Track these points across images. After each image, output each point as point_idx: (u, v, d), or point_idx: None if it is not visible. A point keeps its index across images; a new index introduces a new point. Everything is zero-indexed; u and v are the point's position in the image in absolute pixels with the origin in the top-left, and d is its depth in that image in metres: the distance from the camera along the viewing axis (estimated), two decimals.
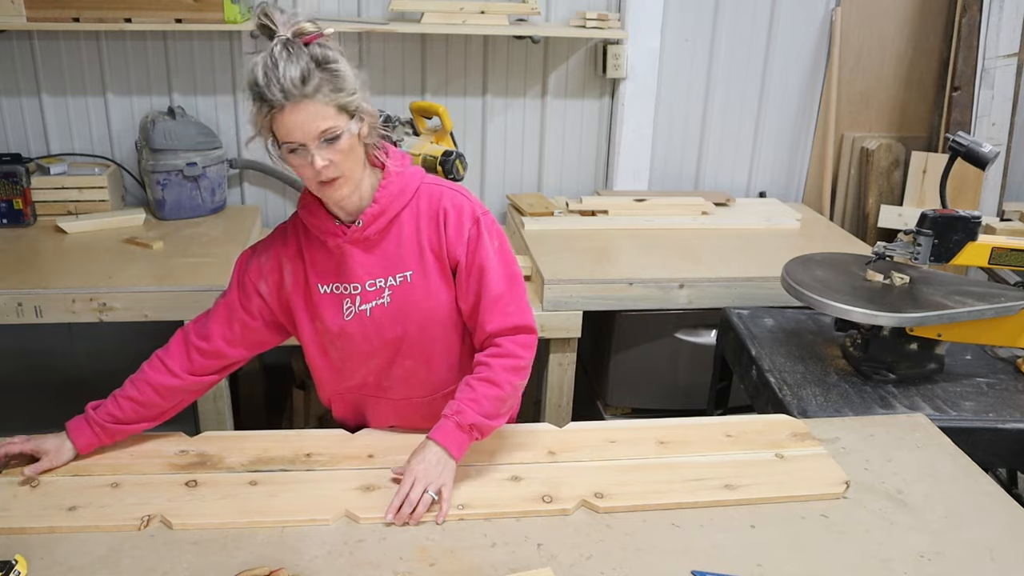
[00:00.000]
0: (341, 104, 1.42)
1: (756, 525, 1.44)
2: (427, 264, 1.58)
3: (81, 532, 1.36)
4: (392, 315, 1.59)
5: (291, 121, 1.39)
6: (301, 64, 1.38)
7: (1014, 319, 1.95)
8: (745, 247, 2.90)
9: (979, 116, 3.33)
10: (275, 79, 1.36)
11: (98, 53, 2.98)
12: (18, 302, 2.31)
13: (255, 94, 1.39)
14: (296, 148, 1.41)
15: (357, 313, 1.59)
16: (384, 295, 1.58)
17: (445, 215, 1.57)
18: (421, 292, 1.58)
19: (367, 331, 1.60)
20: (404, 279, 1.58)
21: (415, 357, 1.64)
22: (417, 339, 1.61)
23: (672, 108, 3.36)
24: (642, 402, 2.83)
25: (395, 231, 1.57)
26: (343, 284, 1.58)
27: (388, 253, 1.57)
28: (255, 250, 1.64)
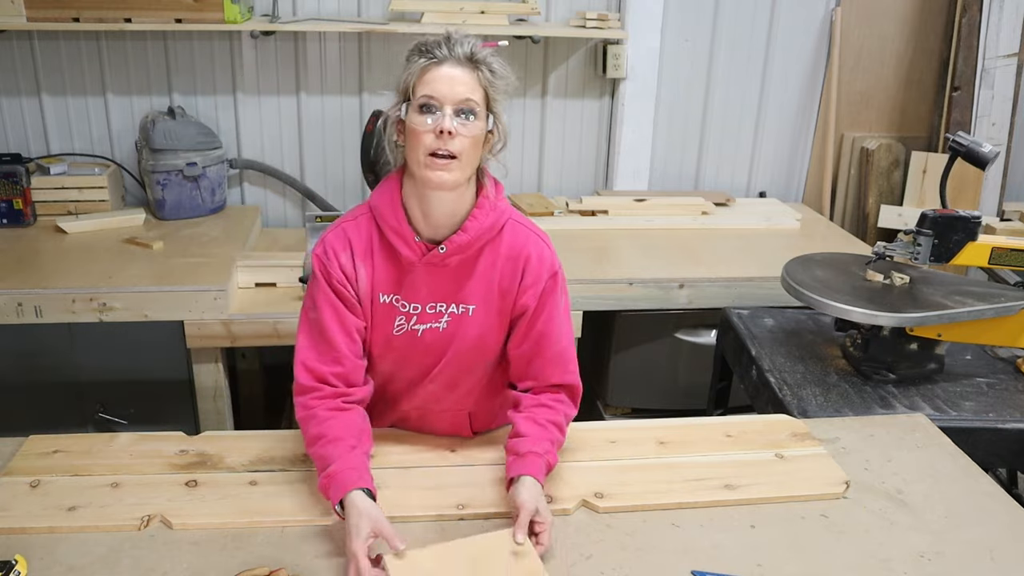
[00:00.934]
0: (489, 94, 1.44)
1: (756, 525, 1.44)
2: (491, 302, 1.54)
3: (81, 532, 1.36)
4: (442, 341, 1.55)
5: (444, 74, 1.40)
6: (471, 40, 1.43)
7: (1014, 319, 1.95)
8: (745, 247, 2.89)
9: (979, 116, 3.33)
10: (447, 40, 1.41)
11: (98, 53, 2.98)
12: (18, 302, 2.31)
13: (418, 50, 1.42)
14: (430, 105, 1.40)
15: (409, 331, 1.54)
16: (442, 320, 1.54)
17: (527, 262, 1.53)
18: (477, 327, 1.55)
19: (411, 349, 1.56)
20: (466, 311, 1.54)
21: (443, 383, 1.61)
22: (455, 368, 1.58)
23: (672, 108, 3.36)
24: (642, 402, 2.83)
25: (471, 262, 1.52)
26: (404, 300, 1.53)
27: (458, 281, 1.52)
28: (332, 252, 1.52)
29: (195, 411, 2.52)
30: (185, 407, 2.53)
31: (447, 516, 1.43)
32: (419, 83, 1.41)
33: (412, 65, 1.42)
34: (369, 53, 3.11)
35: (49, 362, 2.45)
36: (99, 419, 2.50)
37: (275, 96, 3.13)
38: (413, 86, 1.42)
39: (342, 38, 3.07)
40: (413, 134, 1.42)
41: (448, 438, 1.66)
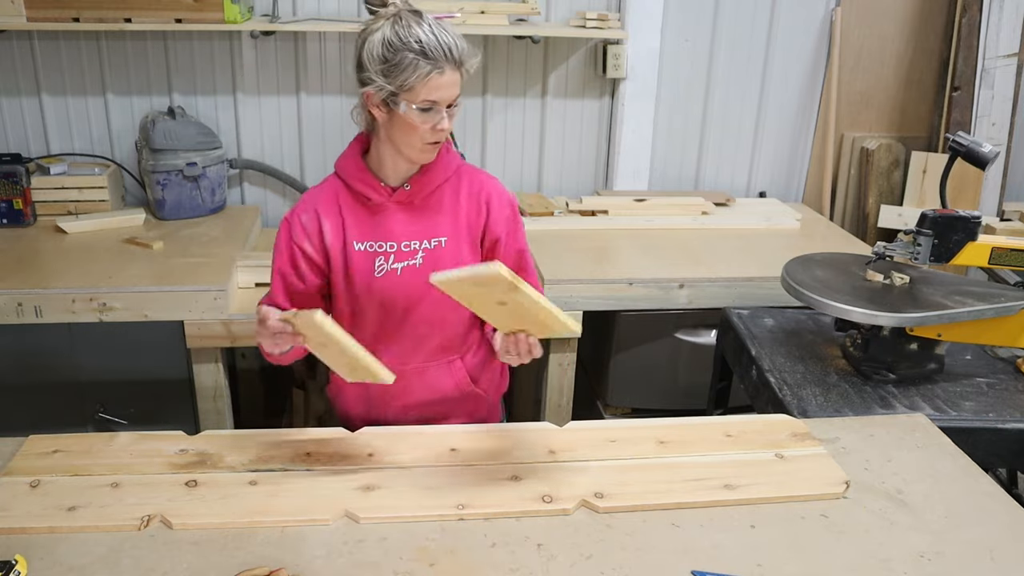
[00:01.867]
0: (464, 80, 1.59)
1: (756, 525, 1.44)
2: (460, 234, 1.72)
3: (81, 532, 1.36)
4: (421, 277, 1.67)
5: (444, 83, 1.55)
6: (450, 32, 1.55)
7: (1014, 319, 1.95)
8: (745, 247, 2.90)
9: (979, 116, 3.33)
10: (445, 43, 1.53)
11: (98, 53, 2.98)
12: (18, 302, 2.31)
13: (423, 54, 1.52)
14: (431, 109, 1.56)
15: (389, 271, 1.70)
16: (417, 256, 1.70)
17: (489, 198, 1.75)
18: (451, 258, 1.71)
19: (395, 289, 1.70)
20: (438, 243, 1.71)
21: (431, 321, 1.74)
22: (441, 303, 1.68)
23: (672, 108, 3.36)
24: (642, 402, 2.83)
25: (435, 199, 1.72)
26: (379, 242, 1.70)
27: (426, 218, 1.71)
28: (295, 212, 1.74)
29: (195, 411, 2.52)
30: (185, 407, 2.53)
31: (447, 516, 1.43)
32: (423, 88, 1.54)
33: (416, 68, 1.53)
34: None
35: (49, 362, 2.45)
36: (99, 419, 2.50)
37: (275, 96, 3.13)
38: (414, 87, 1.54)
39: (342, 38, 3.07)
40: (410, 127, 1.58)
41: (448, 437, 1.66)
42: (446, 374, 1.82)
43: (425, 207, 1.71)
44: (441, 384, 1.82)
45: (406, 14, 1.55)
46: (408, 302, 1.72)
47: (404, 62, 1.52)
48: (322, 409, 3.04)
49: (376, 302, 1.72)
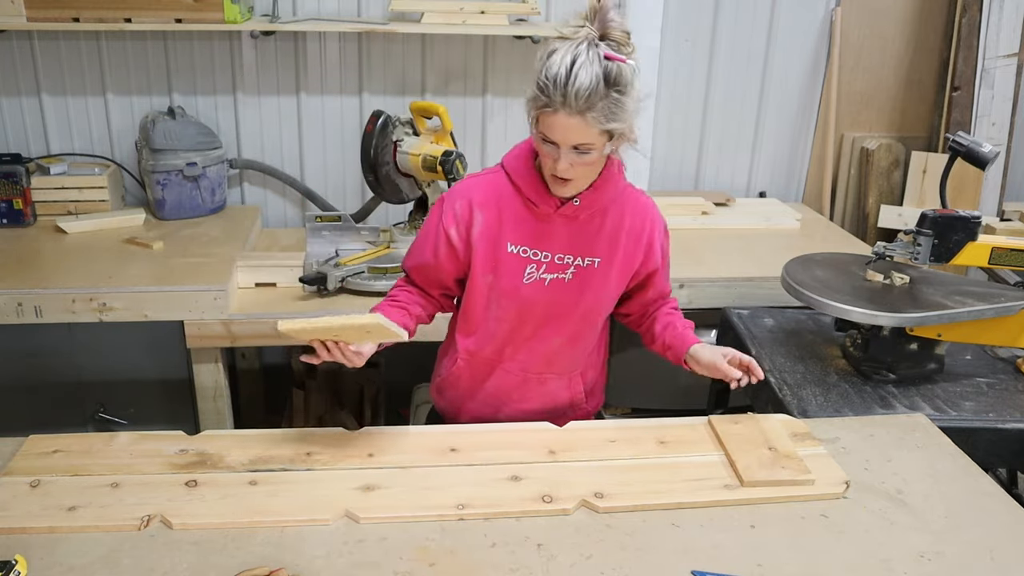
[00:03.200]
0: (607, 129, 1.50)
1: (756, 525, 1.44)
2: (615, 260, 1.71)
3: (81, 532, 1.36)
4: (567, 292, 1.69)
5: (556, 124, 1.49)
6: (593, 73, 1.44)
7: (1014, 319, 1.95)
8: (745, 247, 2.89)
9: (979, 116, 3.33)
10: (562, 83, 1.44)
11: (98, 53, 2.98)
12: (18, 302, 2.31)
13: (539, 83, 1.47)
14: (548, 142, 1.52)
15: (537, 280, 1.68)
16: (568, 271, 1.69)
17: (654, 222, 1.76)
18: (600, 281, 1.71)
19: (539, 299, 1.69)
20: (591, 264, 1.70)
21: (566, 336, 1.74)
22: (577, 320, 1.72)
23: (672, 108, 3.36)
24: (642, 402, 2.83)
25: (598, 219, 1.69)
26: (535, 249, 1.68)
27: (586, 236, 1.69)
28: (451, 195, 1.72)
29: (195, 411, 2.52)
30: (185, 407, 2.53)
31: (447, 516, 1.43)
32: (540, 118, 1.51)
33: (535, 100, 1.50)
34: (369, 53, 3.10)
35: (49, 362, 2.45)
36: (99, 419, 2.50)
37: (275, 96, 3.13)
38: (536, 116, 1.52)
39: (342, 38, 3.07)
40: (539, 150, 1.57)
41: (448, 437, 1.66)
42: (564, 387, 1.82)
43: (588, 224, 1.68)
44: (558, 396, 1.82)
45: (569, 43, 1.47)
46: (548, 314, 1.71)
47: (533, 90, 1.49)
48: (322, 409, 3.04)
49: (516, 307, 1.70)
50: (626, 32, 1.50)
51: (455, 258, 1.71)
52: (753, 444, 1.63)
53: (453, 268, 1.72)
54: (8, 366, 2.42)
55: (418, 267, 1.76)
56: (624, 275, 1.74)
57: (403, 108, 2.77)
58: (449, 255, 1.70)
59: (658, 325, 1.83)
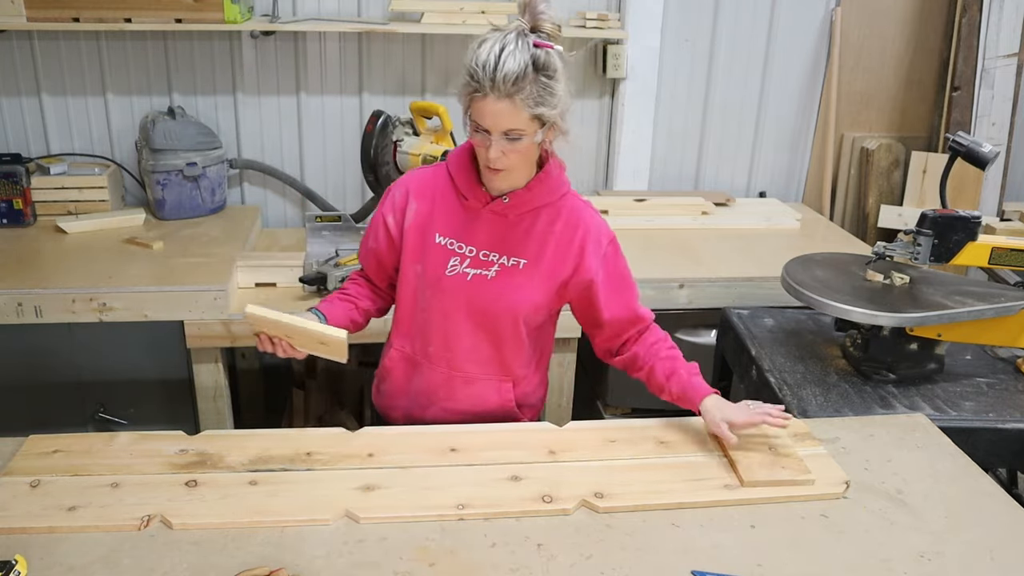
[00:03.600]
0: (537, 114, 1.51)
1: (756, 525, 1.44)
2: (542, 261, 1.68)
3: (81, 532, 1.36)
4: (489, 290, 1.68)
5: (486, 109, 1.50)
6: (521, 59, 1.47)
7: (1014, 319, 1.95)
8: (745, 247, 2.89)
9: (979, 116, 3.33)
10: (491, 67, 1.46)
11: (98, 53, 2.98)
12: (18, 302, 2.31)
13: (469, 72, 1.49)
14: (480, 130, 1.54)
15: (460, 273, 1.68)
16: (491, 269, 1.68)
17: (586, 230, 1.69)
18: (524, 283, 1.68)
19: (459, 293, 1.69)
20: (516, 264, 1.68)
21: (491, 335, 1.73)
22: (499, 320, 1.70)
23: (672, 108, 3.36)
24: (642, 402, 2.82)
25: (529, 220, 1.67)
26: (460, 242, 1.68)
27: (514, 236, 1.67)
28: (396, 185, 1.76)
29: (195, 411, 2.52)
30: (185, 407, 2.53)
31: (447, 516, 1.43)
32: (471, 107, 1.54)
33: (466, 86, 1.52)
34: (369, 53, 3.10)
35: (49, 362, 2.45)
36: (99, 419, 2.50)
37: (275, 96, 3.13)
38: (468, 105, 1.55)
39: (342, 38, 3.07)
40: (472, 141, 1.59)
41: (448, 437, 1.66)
42: (493, 391, 1.78)
43: (517, 224, 1.67)
44: (486, 399, 1.79)
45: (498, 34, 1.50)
46: (470, 309, 1.69)
47: (464, 77, 1.52)
48: (322, 409, 3.04)
49: (439, 299, 1.70)
50: (556, 24, 1.53)
51: (392, 245, 1.74)
52: (753, 444, 1.63)
53: (391, 256, 1.76)
54: (8, 366, 2.42)
55: (365, 255, 1.81)
56: (551, 282, 1.69)
57: (403, 108, 2.78)
58: (387, 242, 1.74)
59: (659, 374, 1.74)
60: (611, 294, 1.72)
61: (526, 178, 1.65)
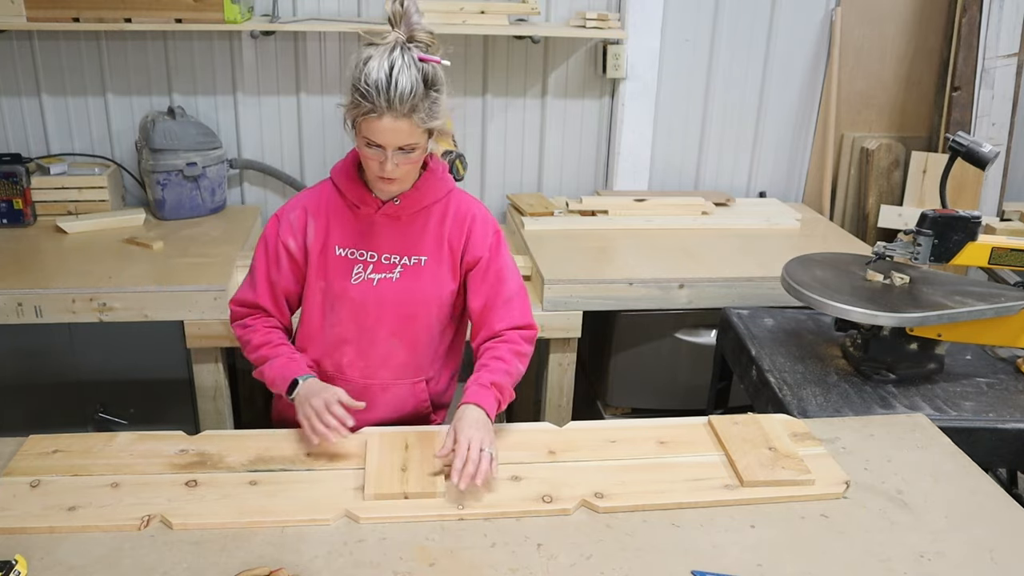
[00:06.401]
0: (427, 127, 1.56)
1: (756, 525, 1.44)
2: (442, 256, 1.73)
3: (81, 532, 1.36)
4: (396, 292, 1.70)
5: (382, 128, 1.53)
6: (412, 77, 1.50)
7: (1014, 319, 1.95)
8: (745, 247, 2.89)
9: (979, 116, 3.33)
10: (383, 86, 1.48)
11: (98, 53, 2.98)
12: (18, 302, 2.31)
13: (360, 90, 1.50)
14: (373, 146, 1.56)
15: (365, 280, 1.70)
16: (395, 271, 1.71)
17: (472, 220, 1.74)
18: (429, 279, 1.72)
19: (368, 300, 1.71)
20: (418, 262, 1.72)
21: (403, 338, 1.75)
22: (412, 319, 1.73)
23: (672, 108, 3.36)
24: (642, 402, 2.83)
25: (422, 219, 1.72)
26: (361, 250, 1.71)
27: (411, 235, 1.72)
28: (285, 210, 1.77)
29: (195, 411, 2.52)
30: (185, 407, 2.53)
31: (447, 516, 1.43)
32: (364, 125, 1.53)
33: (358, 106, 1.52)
34: None
35: (49, 362, 2.45)
36: (99, 419, 2.50)
37: (275, 96, 3.13)
38: (358, 122, 1.55)
39: (342, 38, 3.07)
40: (362, 154, 1.61)
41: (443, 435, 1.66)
42: (408, 394, 1.82)
43: (412, 224, 1.72)
44: (403, 403, 1.82)
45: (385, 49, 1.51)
46: (379, 313, 1.73)
47: (353, 96, 1.53)
48: None
49: (348, 309, 1.73)
50: (430, 33, 1.56)
51: (295, 269, 1.75)
52: (753, 444, 1.63)
53: (294, 283, 1.77)
54: (8, 366, 2.42)
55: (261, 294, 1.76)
56: (454, 273, 1.75)
57: None
58: (290, 267, 1.75)
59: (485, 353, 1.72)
60: (481, 282, 1.75)
61: (413, 179, 1.70)
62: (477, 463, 1.45)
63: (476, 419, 1.53)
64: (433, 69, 1.54)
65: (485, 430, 1.51)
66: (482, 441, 1.48)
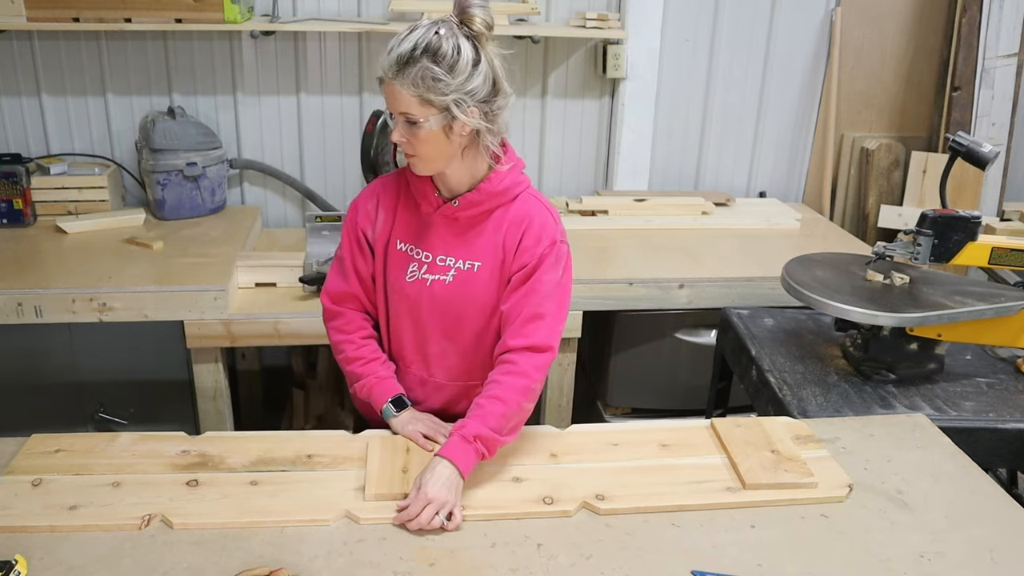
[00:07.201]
0: (426, 99, 1.47)
1: (756, 525, 1.44)
2: (496, 263, 1.65)
3: (82, 531, 1.36)
4: (448, 295, 1.66)
5: (386, 92, 1.51)
6: (411, 44, 1.46)
7: (1014, 319, 1.95)
8: (745, 247, 2.90)
9: (979, 116, 3.33)
10: (392, 52, 1.47)
11: (98, 53, 2.98)
12: (18, 302, 2.31)
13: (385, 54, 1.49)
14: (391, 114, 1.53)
15: (419, 279, 1.67)
16: (449, 274, 1.66)
17: (529, 225, 1.64)
18: (482, 286, 1.65)
19: (420, 299, 1.67)
20: (472, 267, 1.65)
21: (455, 341, 1.71)
22: (462, 325, 1.69)
23: (672, 108, 3.36)
24: (642, 402, 2.83)
25: (482, 222, 1.65)
26: (418, 248, 1.67)
27: (468, 239, 1.65)
28: (363, 197, 1.73)
29: (195, 411, 2.52)
30: (185, 407, 2.53)
31: None
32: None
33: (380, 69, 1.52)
34: (369, 53, 3.10)
35: (49, 362, 2.45)
36: (99, 419, 2.50)
37: (275, 96, 3.13)
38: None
39: (342, 38, 3.07)
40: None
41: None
42: (463, 396, 1.75)
43: (471, 227, 1.64)
44: (458, 404, 1.77)
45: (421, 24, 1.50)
46: (432, 315, 1.68)
47: None
48: (322, 409, 3.04)
49: (404, 306, 1.70)
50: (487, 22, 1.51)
51: (369, 257, 1.72)
52: (755, 447, 1.63)
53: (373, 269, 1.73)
54: (8, 366, 2.43)
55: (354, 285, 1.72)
56: (504, 276, 1.65)
57: None
58: (369, 255, 1.71)
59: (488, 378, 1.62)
60: (516, 287, 1.63)
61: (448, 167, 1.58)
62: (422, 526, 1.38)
63: (443, 479, 1.42)
64: (440, 41, 1.46)
65: (449, 491, 1.41)
66: (442, 505, 1.39)
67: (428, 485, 1.41)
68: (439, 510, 1.39)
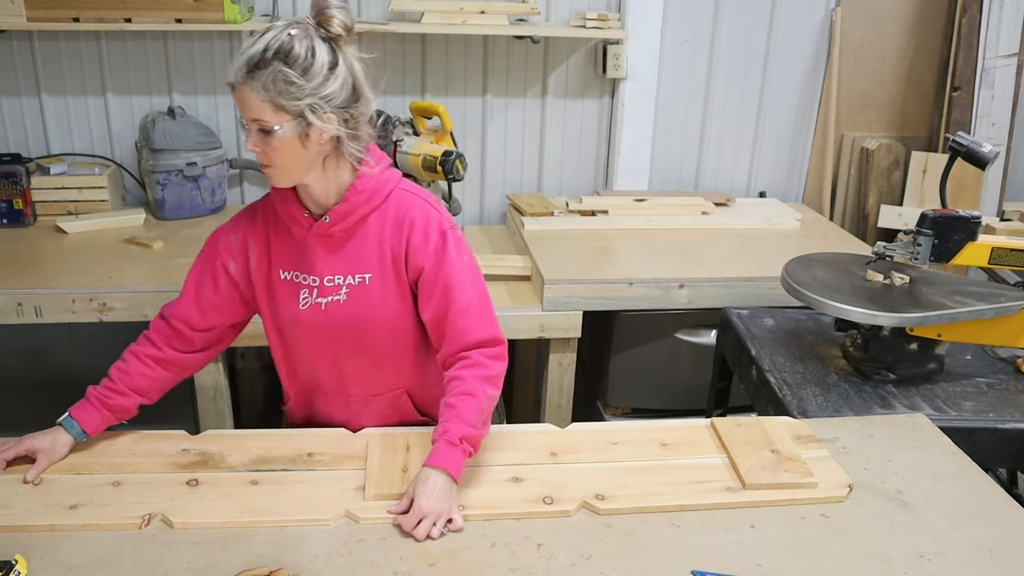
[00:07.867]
0: (278, 104, 1.40)
1: (756, 525, 1.44)
2: (387, 269, 1.59)
3: (82, 531, 1.36)
4: (346, 313, 1.60)
5: (236, 98, 1.43)
6: (262, 45, 1.41)
7: (1014, 319, 1.95)
8: (745, 247, 2.90)
9: (979, 116, 3.33)
10: (239, 53, 1.41)
11: (98, 53, 2.98)
12: (18, 302, 2.31)
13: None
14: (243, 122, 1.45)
15: (313, 304, 1.60)
16: (341, 292, 1.59)
17: (411, 225, 1.57)
18: (378, 296, 1.60)
19: (320, 324, 1.61)
20: (363, 280, 1.59)
21: (366, 357, 1.66)
22: (368, 340, 1.64)
23: (672, 108, 3.36)
24: (642, 402, 2.83)
25: (360, 232, 1.58)
26: (303, 274, 1.60)
27: (351, 253, 1.58)
28: (225, 229, 1.66)
29: (195, 411, 2.52)
30: (185, 407, 2.53)
31: None
32: None
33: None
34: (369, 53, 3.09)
35: (49, 362, 2.45)
36: None
37: None
38: None
39: None
40: None
41: None
42: (391, 406, 1.73)
43: (348, 239, 1.57)
44: (389, 415, 1.74)
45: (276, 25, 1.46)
46: (336, 336, 1.62)
47: None
48: None
49: (303, 334, 1.64)
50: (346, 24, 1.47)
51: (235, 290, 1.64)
52: (756, 447, 1.63)
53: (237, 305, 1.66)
54: (8, 366, 2.43)
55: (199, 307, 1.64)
56: (402, 286, 1.60)
57: (403, 108, 2.77)
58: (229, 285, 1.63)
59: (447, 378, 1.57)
60: (430, 292, 1.58)
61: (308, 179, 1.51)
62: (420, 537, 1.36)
63: (437, 488, 1.40)
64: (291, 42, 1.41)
65: (443, 501, 1.39)
66: (437, 516, 1.37)
67: (422, 498, 1.38)
68: (436, 521, 1.38)
